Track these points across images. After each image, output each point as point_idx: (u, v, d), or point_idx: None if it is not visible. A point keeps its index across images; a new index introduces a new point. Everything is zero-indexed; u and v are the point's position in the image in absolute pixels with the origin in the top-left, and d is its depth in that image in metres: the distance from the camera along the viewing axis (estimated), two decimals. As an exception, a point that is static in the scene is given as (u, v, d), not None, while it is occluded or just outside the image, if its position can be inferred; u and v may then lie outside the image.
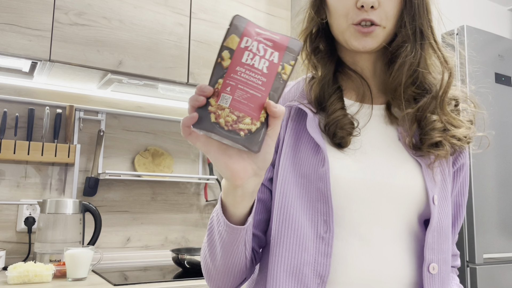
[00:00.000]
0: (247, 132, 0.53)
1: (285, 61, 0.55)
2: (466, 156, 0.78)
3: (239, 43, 0.54)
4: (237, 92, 0.53)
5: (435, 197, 0.69)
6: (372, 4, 0.68)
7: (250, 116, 0.53)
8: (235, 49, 0.54)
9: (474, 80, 2.22)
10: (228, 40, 0.54)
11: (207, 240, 0.70)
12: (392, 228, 0.68)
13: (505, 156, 2.28)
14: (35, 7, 1.47)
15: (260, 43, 0.55)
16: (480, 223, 2.11)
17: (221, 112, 0.52)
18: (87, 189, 1.79)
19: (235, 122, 0.52)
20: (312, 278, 0.65)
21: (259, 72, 0.54)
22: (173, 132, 2.04)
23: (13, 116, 1.70)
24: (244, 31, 0.55)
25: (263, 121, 0.54)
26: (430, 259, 0.67)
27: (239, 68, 0.53)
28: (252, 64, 0.54)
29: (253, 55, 0.54)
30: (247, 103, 0.53)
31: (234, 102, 0.53)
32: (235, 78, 0.53)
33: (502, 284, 2.14)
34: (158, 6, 1.68)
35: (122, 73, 1.60)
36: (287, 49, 0.56)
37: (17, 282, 1.27)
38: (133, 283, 1.34)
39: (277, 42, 0.56)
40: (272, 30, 0.56)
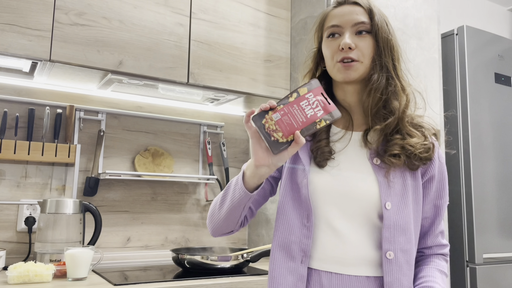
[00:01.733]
0: (276, 140, 0.85)
1: (324, 118, 0.86)
2: (434, 169, 0.99)
3: (305, 93, 0.87)
4: (285, 117, 0.86)
5: (387, 203, 0.93)
6: (349, 46, 0.94)
7: (283, 133, 0.85)
8: (300, 95, 0.87)
9: (474, 80, 2.23)
10: (301, 89, 0.87)
11: (222, 194, 0.98)
12: (356, 222, 0.94)
13: (505, 156, 2.28)
14: (35, 7, 1.47)
15: (317, 100, 0.86)
16: (479, 223, 2.11)
17: (270, 121, 0.86)
18: (87, 189, 1.79)
19: (273, 131, 0.85)
20: (297, 252, 0.95)
21: (304, 114, 0.86)
22: (173, 132, 2.04)
23: (14, 116, 1.70)
24: (312, 90, 0.87)
25: (289, 141, 0.85)
26: (387, 248, 0.92)
27: (295, 106, 0.86)
28: (304, 108, 0.86)
29: (308, 104, 0.86)
30: (286, 126, 0.85)
31: (280, 121, 0.85)
32: (289, 109, 0.86)
33: (501, 284, 2.14)
34: (158, 6, 1.68)
35: (122, 73, 1.61)
36: (329, 113, 0.87)
37: (17, 282, 1.27)
38: (133, 283, 1.34)
39: (327, 106, 0.87)
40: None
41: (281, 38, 1.97)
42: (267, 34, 1.93)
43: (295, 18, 1.99)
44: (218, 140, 2.15)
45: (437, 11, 2.15)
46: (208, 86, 1.76)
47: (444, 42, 2.30)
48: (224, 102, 2.00)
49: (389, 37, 0.98)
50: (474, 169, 2.15)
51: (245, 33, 1.87)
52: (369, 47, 0.96)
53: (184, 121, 2.06)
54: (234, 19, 1.85)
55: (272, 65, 1.92)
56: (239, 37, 1.85)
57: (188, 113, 2.09)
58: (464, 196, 2.15)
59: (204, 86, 1.75)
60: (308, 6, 1.90)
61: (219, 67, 1.78)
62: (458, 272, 2.12)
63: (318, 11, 1.84)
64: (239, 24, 1.86)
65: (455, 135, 2.21)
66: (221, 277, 1.44)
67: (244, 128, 2.24)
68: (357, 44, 0.95)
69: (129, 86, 1.75)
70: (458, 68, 2.24)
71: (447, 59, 2.28)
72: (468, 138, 2.16)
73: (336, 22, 0.98)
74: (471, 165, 2.14)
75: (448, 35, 2.30)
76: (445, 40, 2.30)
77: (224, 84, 1.79)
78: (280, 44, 1.96)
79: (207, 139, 2.10)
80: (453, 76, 2.25)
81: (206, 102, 2.00)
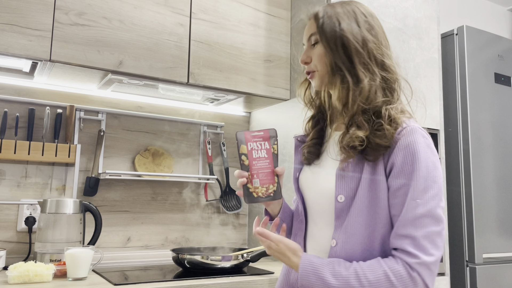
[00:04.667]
0: (273, 192, 1.00)
1: (272, 143, 1.01)
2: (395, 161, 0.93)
3: (247, 148, 0.98)
4: (260, 175, 0.99)
5: (340, 196, 0.97)
6: (303, 61, 1.06)
7: (271, 183, 1.00)
8: (247, 153, 0.98)
9: (474, 80, 2.23)
10: (241, 149, 0.99)
11: None
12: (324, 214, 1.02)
13: (505, 156, 2.28)
14: (36, 7, 1.47)
15: (256, 142, 0.99)
16: (479, 223, 2.12)
17: (257, 190, 0.99)
18: (88, 189, 1.79)
19: (267, 191, 1.00)
20: (301, 242, 1.06)
21: (263, 158, 0.99)
22: (173, 132, 2.04)
23: (14, 116, 1.70)
24: (245, 140, 0.99)
25: (276, 180, 1.00)
26: (333, 236, 0.97)
27: (254, 162, 0.99)
28: (258, 156, 0.99)
29: (257, 151, 0.99)
30: (266, 178, 0.99)
31: (261, 181, 0.99)
32: (255, 169, 0.99)
33: (501, 283, 2.14)
34: (158, 6, 1.68)
35: (122, 73, 1.61)
36: (270, 138, 1.01)
37: (18, 282, 1.27)
38: (133, 283, 1.34)
39: (264, 136, 1.00)
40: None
41: (281, 38, 1.97)
42: (267, 34, 1.93)
43: (295, 18, 1.99)
44: (218, 140, 2.15)
45: (437, 11, 2.15)
46: (208, 86, 1.76)
47: (444, 42, 2.30)
48: (224, 102, 2.01)
49: (337, 35, 0.98)
50: (474, 169, 2.15)
51: (245, 33, 1.87)
52: (319, 55, 1.01)
53: (184, 121, 2.07)
54: (234, 19, 1.85)
55: (272, 65, 1.93)
56: (239, 37, 1.85)
57: (188, 113, 2.09)
58: (464, 196, 2.15)
59: (204, 86, 1.75)
60: (308, 6, 1.91)
61: (219, 67, 1.78)
62: (458, 272, 2.12)
63: (318, 11, 1.84)
64: (239, 24, 1.86)
65: (455, 135, 2.21)
66: (221, 277, 1.44)
67: (244, 128, 2.24)
68: (311, 56, 1.04)
69: (129, 86, 1.75)
70: (458, 68, 2.24)
71: (447, 59, 2.29)
72: (468, 138, 2.16)
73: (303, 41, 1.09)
74: (471, 165, 2.14)
75: (448, 35, 2.30)
76: (445, 40, 2.31)
77: (224, 84, 1.79)
78: (280, 44, 1.96)
79: (207, 139, 2.10)
80: (453, 76, 2.25)
81: (206, 102, 2.01)
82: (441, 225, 0.89)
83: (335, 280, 0.88)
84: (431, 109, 2.04)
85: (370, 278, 0.86)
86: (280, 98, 1.94)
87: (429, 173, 0.90)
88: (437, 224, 0.88)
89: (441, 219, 0.89)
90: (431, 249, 0.86)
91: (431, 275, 0.86)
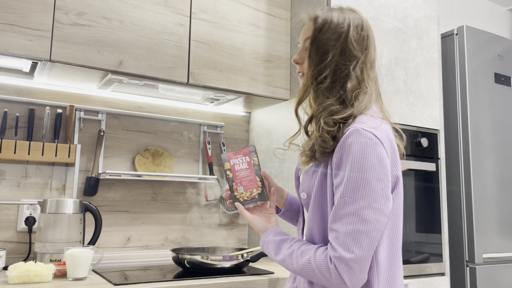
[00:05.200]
0: (258, 195, 1.15)
1: (252, 156, 1.18)
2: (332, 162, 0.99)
3: (230, 164, 1.17)
4: (243, 183, 1.16)
5: (303, 193, 1.09)
6: (294, 61, 1.13)
7: (255, 187, 1.16)
8: (230, 168, 1.17)
9: (474, 80, 2.23)
10: (225, 166, 1.17)
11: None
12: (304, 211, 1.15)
13: (505, 156, 2.28)
14: (35, 7, 1.47)
15: (237, 158, 1.18)
16: (479, 223, 2.12)
17: (242, 195, 1.15)
18: (88, 189, 1.79)
19: (251, 194, 1.15)
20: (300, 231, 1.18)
21: (245, 169, 1.17)
22: (173, 132, 2.04)
23: (14, 116, 1.70)
24: (228, 158, 1.18)
25: (260, 185, 1.16)
26: (305, 229, 1.10)
27: (237, 174, 1.16)
28: (240, 168, 1.17)
29: (238, 164, 1.17)
30: (249, 184, 1.16)
31: (244, 187, 1.16)
32: (238, 178, 1.16)
33: (501, 283, 2.14)
34: (158, 6, 1.68)
35: (122, 73, 1.61)
36: (250, 153, 1.18)
37: (18, 282, 1.27)
38: (133, 283, 1.34)
39: (244, 152, 1.18)
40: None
41: (281, 38, 1.97)
42: (267, 34, 1.93)
43: (295, 18, 1.99)
44: (218, 140, 2.15)
45: (436, 11, 2.15)
46: (208, 86, 1.76)
47: (444, 42, 2.30)
48: (224, 102, 2.01)
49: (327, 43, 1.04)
50: (474, 169, 2.15)
51: (245, 33, 1.87)
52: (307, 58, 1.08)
53: (184, 121, 2.07)
54: (234, 19, 1.85)
55: (272, 65, 1.93)
56: (239, 37, 1.85)
57: (188, 113, 2.09)
58: (464, 196, 2.15)
59: (204, 86, 1.75)
60: (308, 6, 1.91)
61: (219, 67, 1.79)
62: (458, 272, 2.12)
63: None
64: (239, 24, 1.86)
65: (455, 135, 2.21)
66: (221, 277, 1.44)
67: (244, 128, 2.24)
68: (303, 58, 1.10)
69: (129, 86, 1.75)
70: (458, 68, 2.24)
71: (447, 59, 2.29)
72: (468, 138, 2.16)
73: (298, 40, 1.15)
74: (470, 165, 2.14)
75: (448, 35, 2.30)
76: (445, 40, 2.31)
77: (224, 84, 1.79)
78: (280, 44, 1.96)
79: (207, 139, 2.10)
80: (453, 76, 2.26)
81: (206, 102, 2.01)
82: (368, 225, 0.90)
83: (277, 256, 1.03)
84: (431, 109, 2.04)
85: (299, 261, 0.97)
86: (280, 98, 1.94)
87: (362, 173, 0.92)
88: (363, 224, 0.90)
89: (368, 220, 0.90)
90: (352, 247, 0.90)
91: (349, 272, 0.90)
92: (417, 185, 1.94)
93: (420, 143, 1.96)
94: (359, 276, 0.91)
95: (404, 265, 1.81)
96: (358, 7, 1.86)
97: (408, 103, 1.97)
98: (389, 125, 1.07)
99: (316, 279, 0.95)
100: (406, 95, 1.97)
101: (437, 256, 1.94)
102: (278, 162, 1.98)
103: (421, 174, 1.96)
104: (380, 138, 0.95)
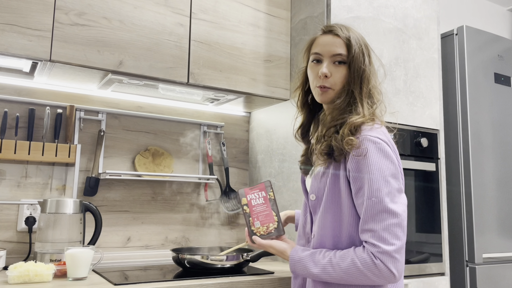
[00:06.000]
0: (274, 229, 1.25)
1: (268, 191, 1.27)
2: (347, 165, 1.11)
3: (247, 199, 1.25)
4: (260, 217, 1.24)
5: (312, 195, 1.18)
6: (326, 74, 1.16)
7: (271, 222, 1.24)
8: (247, 203, 1.25)
9: (474, 80, 2.23)
10: (242, 201, 1.26)
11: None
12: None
13: (505, 156, 2.28)
14: (36, 7, 1.47)
15: (254, 193, 1.26)
16: (479, 223, 2.12)
17: (259, 229, 1.24)
18: (88, 188, 1.79)
19: (267, 229, 1.24)
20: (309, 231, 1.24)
21: (261, 203, 1.25)
22: (173, 132, 2.04)
23: (14, 116, 1.70)
24: (245, 193, 1.26)
25: (276, 219, 1.25)
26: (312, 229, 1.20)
27: (254, 209, 1.25)
28: (257, 203, 1.25)
29: (255, 199, 1.25)
30: (266, 219, 1.24)
31: (261, 222, 1.24)
32: (255, 213, 1.25)
33: (501, 283, 2.15)
34: (158, 6, 1.68)
35: (122, 73, 1.61)
36: (266, 188, 1.27)
37: (18, 282, 1.28)
38: (133, 283, 1.34)
39: (260, 187, 1.27)
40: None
41: (281, 38, 1.97)
42: (267, 34, 1.93)
43: (295, 18, 1.99)
44: (218, 140, 2.15)
45: (436, 11, 2.15)
46: (208, 86, 1.76)
47: (443, 42, 2.30)
48: (224, 102, 2.01)
49: (361, 67, 1.15)
50: (474, 169, 2.15)
51: (245, 33, 1.87)
52: (341, 76, 1.16)
53: (184, 121, 2.07)
54: (234, 19, 1.85)
55: (272, 65, 1.93)
56: (239, 37, 1.85)
57: (188, 113, 2.09)
58: (464, 196, 2.15)
59: (204, 86, 1.76)
60: (308, 6, 1.91)
61: (219, 67, 1.79)
62: (457, 272, 2.12)
63: (318, 11, 1.84)
64: (239, 24, 1.86)
65: (455, 135, 2.21)
66: (221, 277, 1.44)
67: (244, 128, 2.24)
68: (333, 73, 1.16)
69: (129, 86, 1.76)
70: (458, 68, 2.24)
71: (446, 59, 2.29)
72: (468, 138, 2.16)
73: (318, 50, 1.19)
74: (470, 165, 2.14)
75: (447, 35, 2.31)
76: (445, 40, 2.31)
77: (224, 84, 1.79)
78: (280, 44, 1.97)
79: (207, 139, 2.10)
80: (453, 76, 2.26)
81: (206, 102, 2.01)
82: (398, 218, 1.02)
83: (315, 268, 1.08)
84: (431, 109, 2.04)
85: (342, 265, 1.04)
86: (280, 98, 1.94)
87: (380, 174, 1.04)
88: (394, 217, 1.02)
89: (396, 213, 1.02)
90: (391, 239, 1.01)
91: (394, 262, 1.01)
92: (417, 185, 1.94)
93: (420, 143, 1.96)
94: (402, 264, 1.02)
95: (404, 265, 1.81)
96: (358, 7, 1.86)
97: (408, 103, 1.97)
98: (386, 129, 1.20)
99: (363, 279, 1.02)
100: (406, 95, 1.97)
101: (437, 256, 1.94)
102: (278, 162, 1.98)
103: (421, 174, 1.96)
104: (386, 141, 1.09)
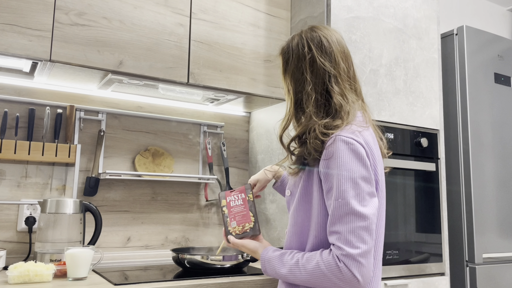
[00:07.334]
0: (249, 229, 1.25)
1: (248, 193, 1.29)
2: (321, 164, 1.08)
3: (226, 201, 1.29)
4: (236, 218, 1.26)
5: (287, 191, 1.21)
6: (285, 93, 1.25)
7: (247, 222, 1.26)
8: (226, 204, 1.28)
9: (474, 80, 2.23)
10: (222, 203, 1.29)
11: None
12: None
13: (505, 156, 2.28)
14: (36, 7, 1.47)
15: (233, 195, 1.29)
16: (479, 223, 2.12)
17: (235, 229, 1.25)
18: (88, 189, 1.79)
19: (243, 228, 1.25)
20: None
21: (239, 204, 1.28)
22: (173, 132, 2.04)
23: (14, 116, 1.70)
24: (225, 196, 1.29)
25: (253, 220, 1.26)
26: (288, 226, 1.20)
27: (232, 209, 1.28)
28: (235, 204, 1.28)
29: (234, 201, 1.28)
30: (242, 219, 1.26)
31: (237, 222, 1.26)
32: (232, 214, 1.27)
33: (501, 283, 2.15)
34: (158, 6, 1.68)
35: (122, 73, 1.61)
36: (245, 190, 1.30)
37: (18, 282, 1.28)
38: (133, 283, 1.34)
39: (240, 190, 1.30)
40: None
41: (281, 38, 1.97)
42: (267, 34, 1.93)
43: (295, 18, 1.99)
44: (218, 140, 2.15)
45: (436, 11, 2.15)
46: (208, 86, 1.76)
47: (443, 42, 2.30)
48: (224, 102, 2.01)
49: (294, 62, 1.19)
50: (474, 169, 2.15)
51: (245, 33, 1.87)
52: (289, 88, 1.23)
53: (184, 121, 2.07)
54: (234, 19, 1.85)
55: (272, 65, 1.93)
56: (239, 37, 1.85)
57: (188, 113, 2.09)
58: (464, 196, 2.15)
59: (204, 86, 1.76)
60: (308, 6, 1.91)
61: (219, 67, 1.79)
62: (457, 272, 2.12)
63: (318, 11, 1.84)
64: (239, 24, 1.86)
65: (455, 135, 2.21)
66: (221, 277, 1.44)
67: (244, 128, 2.24)
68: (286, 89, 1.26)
69: (129, 86, 1.76)
70: (458, 68, 2.24)
71: (446, 59, 2.29)
72: (468, 138, 2.16)
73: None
74: (470, 165, 2.14)
75: (447, 35, 2.31)
76: (445, 40, 2.31)
77: (224, 84, 1.79)
78: (280, 44, 1.96)
79: (207, 139, 2.10)
80: (453, 76, 2.26)
81: (206, 102, 2.01)
82: (366, 221, 0.98)
83: (283, 269, 1.07)
84: (431, 109, 2.04)
85: (307, 267, 1.02)
86: (280, 98, 1.94)
87: (349, 175, 1.01)
88: (361, 220, 0.98)
89: (364, 216, 0.98)
90: (356, 242, 0.97)
91: (358, 266, 0.96)
92: (417, 185, 1.94)
93: (420, 143, 1.96)
94: (367, 269, 0.98)
95: (404, 265, 1.81)
96: (358, 7, 1.86)
97: (408, 103, 1.97)
98: (370, 131, 1.14)
99: (327, 283, 0.99)
100: (406, 95, 1.97)
101: (437, 256, 1.94)
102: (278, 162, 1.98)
103: (421, 174, 1.96)
104: (359, 142, 1.05)
